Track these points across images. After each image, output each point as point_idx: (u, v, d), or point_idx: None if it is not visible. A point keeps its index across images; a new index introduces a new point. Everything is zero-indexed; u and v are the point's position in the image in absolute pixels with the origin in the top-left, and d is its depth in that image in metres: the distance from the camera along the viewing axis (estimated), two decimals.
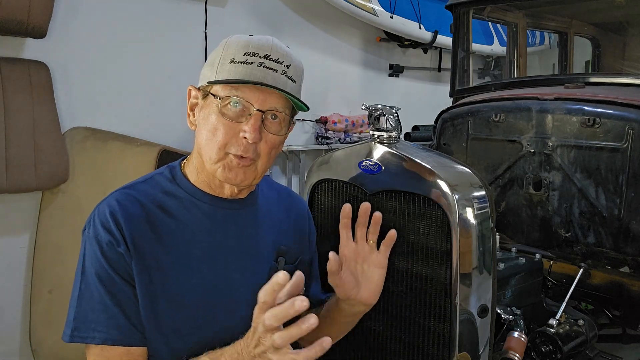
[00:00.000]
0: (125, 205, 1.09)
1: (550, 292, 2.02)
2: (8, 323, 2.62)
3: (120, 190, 1.13)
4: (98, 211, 1.10)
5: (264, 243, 1.22)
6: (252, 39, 1.10)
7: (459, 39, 2.83)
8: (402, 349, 1.32)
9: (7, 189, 2.42)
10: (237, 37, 1.11)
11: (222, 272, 1.15)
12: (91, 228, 1.09)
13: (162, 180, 1.17)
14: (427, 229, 1.24)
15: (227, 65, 1.07)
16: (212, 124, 1.09)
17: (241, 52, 1.08)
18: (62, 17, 2.71)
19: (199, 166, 1.15)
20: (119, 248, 1.06)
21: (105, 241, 1.06)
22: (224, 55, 1.09)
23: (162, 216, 1.12)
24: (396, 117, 1.32)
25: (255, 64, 1.07)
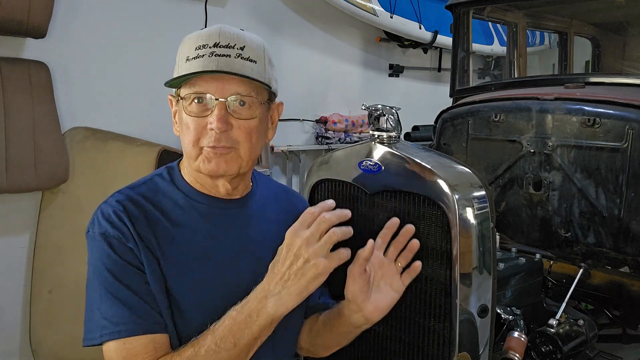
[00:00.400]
0: (127, 206, 1.10)
1: (550, 292, 2.02)
2: (8, 323, 2.62)
3: (120, 192, 1.14)
4: (101, 211, 1.10)
5: (262, 242, 1.21)
6: (202, 32, 1.10)
7: (459, 39, 2.83)
8: (402, 349, 1.32)
9: (7, 189, 2.42)
10: (189, 35, 1.12)
11: (221, 273, 1.15)
12: (95, 227, 1.09)
13: (161, 182, 1.17)
14: (427, 229, 1.24)
15: (184, 65, 1.08)
16: (184, 125, 1.12)
17: (193, 48, 1.08)
18: (62, 17, 2.71)
19: (189, 168, 1.17)
20: (128, 243, 1.07)
21: (115, 236, 1.06)
22: (180, 55, 1.10)
23: (160, 219, 1.12)
24: (396, 117, 1.32)
25: (207, 55, 1.07)
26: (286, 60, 4.06)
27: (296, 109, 4.09)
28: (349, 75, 4.60)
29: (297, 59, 4.12)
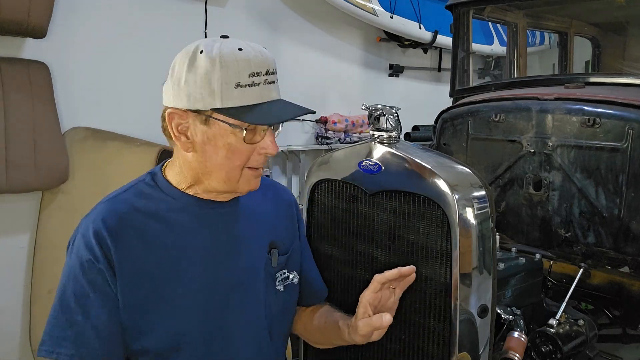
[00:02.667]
0: (109, 220, 1.08)
1: (550, 292, 2.02)
2: (8, 323, 2.62)
3: (103, 203, 1.13)
4: (81, 228, 1.11)
5: (254, 238, 1.23)
6: (249, 55, 1.05)
7: (459, 39, 2.83)
8: (402, 348, 1.32)
9: (7, 189, 2.42)
10: (231, 55, 1.04)
11: (214, 273, 1.16)
12: (74, 245, 1.10)
13: (145, 188, 1.16)
14: (427, 229, 1.24)
15: (235, 91, 1.04)
16: (227, 149, 1.08)
17: (245, 74, 1.04)
18: (62, 17, 2.71)
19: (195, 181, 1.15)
20: (98, 265, 1.06)
21: (86, 259, 1.07)
22: (225, 78, 1.03)
23: (149, 223, 1.12)
24: (396, 117, 1.32)
25: (262, 83, 1.07)
26: (286, 60, 4.05)
27: None
28: (349, 75, 4.59)
29: (297, 59, 4.12)
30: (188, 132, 1.09)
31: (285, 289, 1.28)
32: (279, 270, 1.27)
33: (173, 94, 1.07)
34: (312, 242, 1.51)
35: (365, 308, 1.16)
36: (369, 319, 1.14)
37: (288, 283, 1.29)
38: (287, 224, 1.34)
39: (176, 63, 1.08)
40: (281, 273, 1.28)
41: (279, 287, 1.27)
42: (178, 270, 1.12)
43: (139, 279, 1.09)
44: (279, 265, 1.27)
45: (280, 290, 1.27)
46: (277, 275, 1.26)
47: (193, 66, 1.04)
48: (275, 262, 1.26)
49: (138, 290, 1.09)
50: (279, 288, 1.27)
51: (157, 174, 1.19)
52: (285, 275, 1.28)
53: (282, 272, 1.28)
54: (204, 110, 1.06)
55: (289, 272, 1.30)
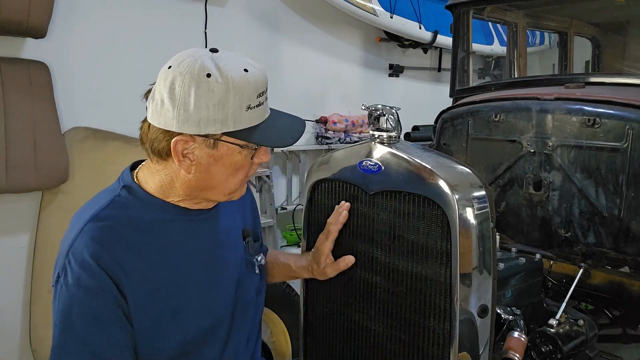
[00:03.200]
0: (103, 240, 1.05)
1: (550, 292, 2.02)
2: (8, 323, 2.62)
3: (87, 225, 1.07)
4: (72, 255, 1.05)
5: (234, 233, 1.29)
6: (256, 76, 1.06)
7: (459, 39, 2.83)
8: (402, 349, 1.32)
9: (7, 189, 2.42)
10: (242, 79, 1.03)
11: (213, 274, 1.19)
12: (69, 276, 1.04)
13: (126, 202, 1.12)
14: (427, 229, 1.24)
15: (246, 114, 1.05)
16: (233, 167, 1.10)
17: (254, 95, 1.05)
18: (62, 17, 2.71)
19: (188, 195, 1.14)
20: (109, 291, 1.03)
21: (93, 286, 1.02)
22: (239, 102, 1.03)
23: (141, 237, 1.10)
24: (396, 117, 1.32)
25: (264, 101, 1.10)
26: (286, 60, 4.06)
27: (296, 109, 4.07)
28: (349, 75, 4.59)
29: (297, 59, 4.12)
30: (192, 155, 1.07)
31: (260, 272, 1.35)
32: (255, 255, 1.34)
33: (178, 119, 1.03)
34: (312, 242, 1.51)
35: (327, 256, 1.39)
36: (335, 265, 1.38)
37: (260, 265, 1.36)
38: (250, 210, 1.40)
39: (175, 84, 1.02)
40: (256, 258, 1.34)
41: (257, 272, 1.33)
42: (180, 280, 1.13)
43: (147, 296, 1.08)
44: (255, 251, 1.34)
45: (258, 274, 1.34)
46: (253, 260, 1.33)
47: (205, 91, 1.01)
48: (252, 250, 1.33)
49: (148, 306, 1.08)
50: (257, 272, 1.33)
51: (132, 187, 1.14)
52: (257, 259, 1.35)
53: (256, 257, 1.34)
54: (213, 134, 1.05)
55: (258, 255, 1.36)
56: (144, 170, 1.17)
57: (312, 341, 1.57)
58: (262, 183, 3.83)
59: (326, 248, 1.38)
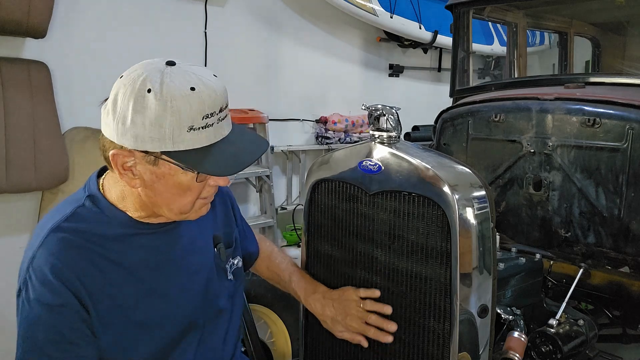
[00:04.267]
0: (63, 255, 1.03)
1: (550, 292, 2.02)
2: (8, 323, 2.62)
3: (49, 237, 1.04)
4: (33, 270, 1.03)
5: (203, 239, 1.26)
6: (202, 96, 0.98)
7: (459, 39, 2.83)
8: (402, 348, 1.32)
9: (7, 189, 2.42)
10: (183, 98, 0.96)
11: (175, 282, 1.17)
12: (30, 291, 1.02)
13: (87, 214, 1.09)
14: (427, 229, 1.24)
15: (187, 134, 0.97)
16: (179, 188, 1.04)
17: (199, 117, 0.98)
18: (62, 17, 2.71)
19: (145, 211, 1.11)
20: (71, 308, 1.02)
21: (55, 304, 1.01)
22: (177, 122, 0.96)
23: (101, 252, 1.07)
24: (396, 117, 1.32)
25: (215, 123, 1.01)
26: (286, 60, 4.06)
27: (296, 109, 4.09)
28: (349, 75, 4.59)
29: (297, 59, 4.12)
30: (134, 169, 1.03)
31: (234, 276, 1.33)
32: (227, 261, 1.32)
33: (117, 132, 0.98)
34: (312, 242, 1.51)
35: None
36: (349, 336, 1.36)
37: (235, 269, 1.34)
38: (224, 214, 1.36)
39: (118, 96, 0.98)
40: (229, 264, 1.32)
41: (230, 277, 1.32)
42: (143, 293, 1.12)
43: (110, 310, 1.06)
44: (227, 257, 1.31)
45: (231, 279, 1.32)
46: (226, 267, 1.31)
47: (141, 107, 0.96)
48: (224, 256, 1.30)
49: (112, 320, 1.06)
50: (230, 278, 1.32)
51: (96, 197, 1.10)
52: (232, 263, 1.33)
53: (229, 263, 1.32)
54: (152, 152, 0.99)
55: (233, 258, 1.34)
56: (109, 178, 1.13)
57: (312, 341, 1.57)
58: (262, 183, 3.83)
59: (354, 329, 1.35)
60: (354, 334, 1.35)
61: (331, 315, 1.37)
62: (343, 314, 1.35)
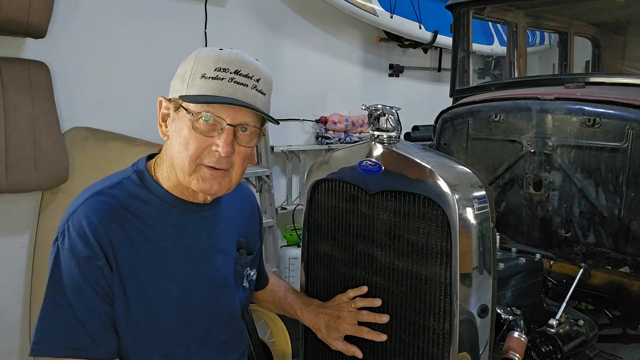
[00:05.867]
0: (101, 215, 1.10)
1: (550, 292, 2.02)
2: (8, 323, 2.62)
3: (91, 198, 1.12)
4: (72, 222, 1.10)
5: (228, 239, 1.29)
6: (222, 54, 1.11)
7: (459, 39, 2.83)
8: (402, 348, 1.32)
9: (7, 189, 2.42)
10: (207, 51, 1.12)
11: (195, 272, 1.20)
12: (66, 240, 1.09)
13: (131, 186, 1.17)
14: (427, 229, 1.24)
15: (199, 80, 1.09)
16: (184, 137, 1.11)
17: (212, 67, 1.09)
18: (62, 17, 2.71)
19: (171, 174, 1.17)
20: (98, 262, 1.07)
21: (84, 255, 1.07)
22: (195, 69, 1.10)
23: (135, 223, 1.13)
24: (396, 117, 1.32)
25: (226, 80, 1.09)
26: (286, 60, 4.05)
27: (296, 109, 4.09)
28: (349, 75, 4.59)
29: (297, 59, 4.12)
30: (167, 119, 1.16)
31: (249, 285, 1.36)
32: (246, 268, 1.34)
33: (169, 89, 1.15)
34: (312, 242, 1.51)
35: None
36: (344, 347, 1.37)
37: (250, 280, 1.37)
38: (253, 225, 1.41)
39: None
40: (246, 271, 1.35)
41: (245, 284, 1.34)
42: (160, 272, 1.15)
43: (126, 280, 1.11)
44: (246, 264, 1.34)
45: (246, 287, 1.35)
46: (244, 273, 1.34)
47: (183, 63, 1.14)
48: (245, 262, 1.33)
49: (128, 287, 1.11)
50: (245, 285, 1.34)
51: (144, 173, 1.19)
52: (248, 273, 1.36)
53: (247, 270, 1.35)
54: (175, 98, 1.12)
55: (250, 269, 1.37)
56: (158, 158, 1.22)
57: (312, 341, 1.57)
58: (262, 183, 3.83)
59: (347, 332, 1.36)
60: (347, 344, 1.36)
61: (325, 323, 1.38)
62: (335, 317, 1.36)
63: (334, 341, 1.37)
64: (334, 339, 1.37)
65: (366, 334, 1.33)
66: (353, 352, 1.35)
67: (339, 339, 1.37)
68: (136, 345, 1.13)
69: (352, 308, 1.34)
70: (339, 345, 1.37)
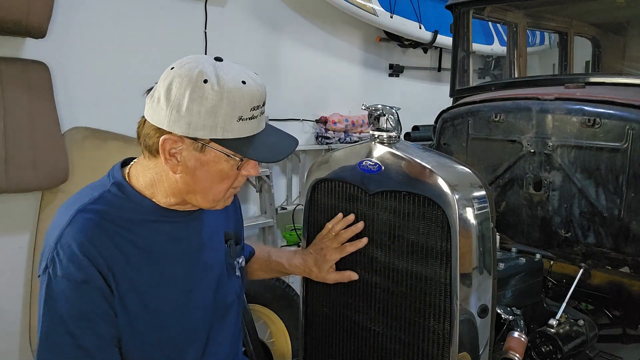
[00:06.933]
0: (90, 233, 1.06)
1: (550, 292, 2.02)
2: (8, 323, 2.62)
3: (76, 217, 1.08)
4: (61, 247, 1.05)
5: (216, 235, 1.30)
6: (252, 89, 1.06)
7: (459, 39, 2.83)
8: (402, 348, 1.32)
9: (6, 189, 2.42)
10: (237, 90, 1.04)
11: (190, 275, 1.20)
12: (57, 267, 1.04)
13: (114, 199, 1.13)
14: (427, 229, 1.24)
15: (236, 124, 1.05)
16: (218, 176, 1.10)
17: (248, 108, 1.06)
18: (62, 17, 2.71)
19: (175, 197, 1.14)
20: (96, 284, 1.05)
21: (80, 280, 1.03)
22: (230, 112, 1.04)
23: (125, 235, 1.10)
24: (396, 117, 1.32)
25: (259, 115, 1.09)
26: (286, 60, 4.06)
27: (296, 109, 4.09)
28: (349, 75, 4.59)
29: (297, 59, 4.12)
30: (180, 155, 1.08)
31: (240, 273, 1.37)
32: (236, 258, 1.36)
33: (170, 119, 1.04)
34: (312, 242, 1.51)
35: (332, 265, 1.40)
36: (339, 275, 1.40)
37: (240, 267, 1.38)
38: (234, 213, 1.41)
39: (172, 85, 1.04)
40: (237, 260, 1.36)
41: (237, 274, 1.35)
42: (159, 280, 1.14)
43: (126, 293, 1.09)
44: (235, 254, 1.36)
45: (238, 276, 1.36)
46: (234, 263, 1.35)
47: (198, 96, 1.02)
48: (234, 253, 1.35)
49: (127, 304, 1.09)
50: (238, 274, 1.35)
51: (122, 184, 1.15)
52: (238, 261, 1.37)
53: (237, 260, 1.36)
54: (201, 139, 1.06)
55: (239, 257, 1.38)
56: (137, 166, 1.19)
57: (312, 341, 1.57)
58: (262, 183, 3.83)
59: (334, 259, 1.39)
60: (342, 272, 1.39)
61: (313, 260, 1.41)
62: (320, 250, 1.40)
63: (328, 275, 1.40)
64: (327, 273, 1.40)
65: (350, 247, 1.37)
66: (349, 276, 1.39)
67: (332, 270, 1.40)
68: (144, 355, 1.12)
69: (332, 235, 1.40)
70: (333, 276, 1.40)
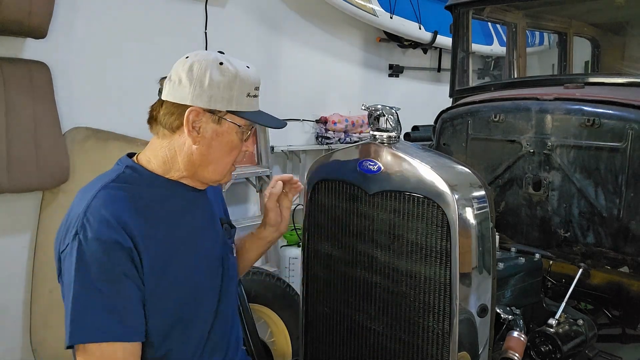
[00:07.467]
0: (118, 203, 1.16)
1: (549, 292, 2.02)
2: (9, 322, 2.63)
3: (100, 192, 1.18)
4: (91, 213, 1.14)
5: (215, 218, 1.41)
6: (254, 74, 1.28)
7: (458, 39, 2.83)
8: (401, 348, 1.32)
9: (8, 189, 2.43)
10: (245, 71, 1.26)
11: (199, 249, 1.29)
12: (88, 230, 1.11)
13: (130, 178, 1.24)
14: (427, 229, 1.25)
15: (245, 99, 1.25)
16: (229, 146, 1.26)
17: (253, 87, 1.27)
18: (63, 17, 2.71)
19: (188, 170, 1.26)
20: (126, 245, 1.12)
21: (112, 240, 1.11)
22: (242, 88, 1.24)
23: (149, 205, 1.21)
24: (396, 117, 1.32)
25: (257, 96, 1.30)
26: (286, 60, 4.06)
27: (296, 109, 4.09)
28: (349, 75, 4.60)
29: (297, 59, 4.12)
30: (200, 127, 1.23)
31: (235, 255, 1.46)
32: (232, 240, 1.44)
33: (193, 94, 1.20)
34: (312, 242, 1.52)
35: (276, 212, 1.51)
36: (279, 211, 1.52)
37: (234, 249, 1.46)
38: (222, 202, 1.51)
39: (194, 66, 1.20)
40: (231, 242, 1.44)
41: (234, 255, 1.44)
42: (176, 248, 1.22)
43: (153, 258, 1.16)
44: (230, 236, 1.44)
45: (235, 257, 1.44)
46: (232, 245, 1.43)
47: (218, 73, 1.21)
48: (229, 235, 1.44)
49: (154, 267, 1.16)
50: (234, 255, 1.44)
51: (134, 167, 1.27)
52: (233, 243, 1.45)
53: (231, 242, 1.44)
54: (219, 110, 1.22)
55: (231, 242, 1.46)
56: (146, 152, 1.30)
57: (312, 340, 1.57)
58: (262, 183, 3.83)
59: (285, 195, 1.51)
60: None
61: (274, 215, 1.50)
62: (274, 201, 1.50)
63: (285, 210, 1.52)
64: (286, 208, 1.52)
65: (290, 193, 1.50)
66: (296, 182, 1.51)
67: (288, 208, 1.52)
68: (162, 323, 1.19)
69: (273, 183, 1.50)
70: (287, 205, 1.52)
